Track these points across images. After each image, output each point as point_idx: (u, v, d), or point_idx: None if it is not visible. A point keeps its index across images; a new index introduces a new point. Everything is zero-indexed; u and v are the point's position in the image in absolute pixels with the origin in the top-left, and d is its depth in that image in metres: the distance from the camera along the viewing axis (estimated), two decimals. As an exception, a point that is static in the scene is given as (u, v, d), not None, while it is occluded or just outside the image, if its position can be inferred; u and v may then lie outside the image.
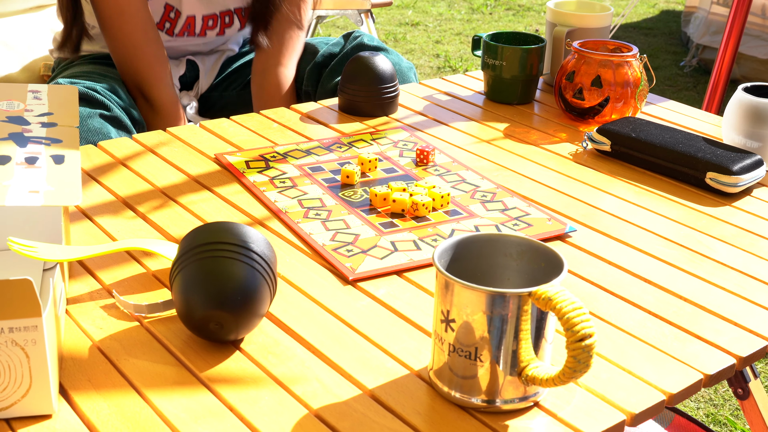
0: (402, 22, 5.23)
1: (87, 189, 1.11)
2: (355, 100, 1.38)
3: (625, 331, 0.87)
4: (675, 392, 0.78)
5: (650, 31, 5.14)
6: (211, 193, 1.12)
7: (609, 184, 1.19)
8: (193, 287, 0.79)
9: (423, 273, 0.95)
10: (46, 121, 0.87)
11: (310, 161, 1.20)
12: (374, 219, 1.05)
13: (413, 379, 0.79)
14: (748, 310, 0.91)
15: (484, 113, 1.43)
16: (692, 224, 1.09)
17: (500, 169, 1.22)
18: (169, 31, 1.61)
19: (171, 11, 1.60)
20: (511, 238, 0.78)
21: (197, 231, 0.83)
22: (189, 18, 1.61)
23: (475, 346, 0.72)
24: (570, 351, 0.68)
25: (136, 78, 1.53)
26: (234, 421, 0.73)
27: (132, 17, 1.52)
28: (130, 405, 0.74)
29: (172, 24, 1.61)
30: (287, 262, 0.97)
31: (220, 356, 0.81)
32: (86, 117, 1.34)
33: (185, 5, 1.60)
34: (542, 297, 0.69)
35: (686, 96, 4.03)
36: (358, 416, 0.74)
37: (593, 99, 1.36)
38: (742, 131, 1.24)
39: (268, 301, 0.82)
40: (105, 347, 0.81)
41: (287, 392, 0.77)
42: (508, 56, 1.43)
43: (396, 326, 0.86)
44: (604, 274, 0.97)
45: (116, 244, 0.90)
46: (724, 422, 1.98)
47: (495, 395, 0.74)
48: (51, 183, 0.76)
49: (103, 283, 0.92)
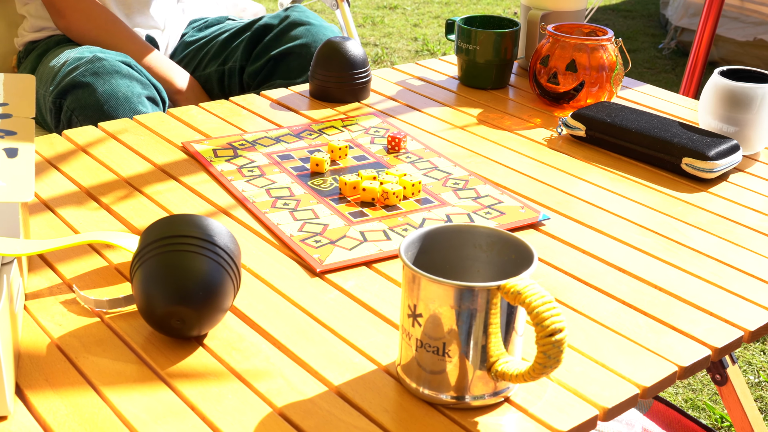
0: (380, 5, 5.19)
1: (49, 179, 1.09)
2: (326, 86, 1.35)
3: (598, 323, 0.85)
4: (649, 385, 0.76)
5: (629, 14, 5.12)
6: (178, 182, 1.09)
7: (584, 171, 1.17)
8: (153, 282, 0.76)
9: (393, 264, 0.93)
10: (0, 111, 0.84)
11: (279, 149, 1.18)
12: (344, 208, 1.03)
13: (381, 374, 0.76)
14: (723, 299, 0.89)
15: (458, 98, 1.41)
16: (668, 211, 1.07)
17: (473, 155, 1.20)
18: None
19: None
20: (480, 229, 0.76)
21: (158, 224, 0.80)
22: None
23: (443, 341, 0.70)
24: (540, 346, 0.66)
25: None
26: (195, 421, 0.71)
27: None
28: (88, 405, 0.72)
29: None
30: (253, 253, 0.94)
31: (183, 353, 0.78)
32: (135, 96, 1.35)
33: None
34: (511, 291, 0.67)
35: (665, 78, 4.02)
36: (324, 414, 0.72)
37: (568, 83, 1.33)
38: (718, 116, 1.22)
39: (231, 296, 0.79)
40: (64, 344, 0.79)
41: (251, 390, 0.74)
42: (482, 40, 1.41)
43: (364, 320, 0.84)
44: (578, 263, 0.95)
45: (77, 237, 0.88)
46: (703, 407, 1.97)
47: (464, 391, 0.72)
48: (2, 178, 0.73)
49: (64, 278, 0.89)
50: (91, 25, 1.55)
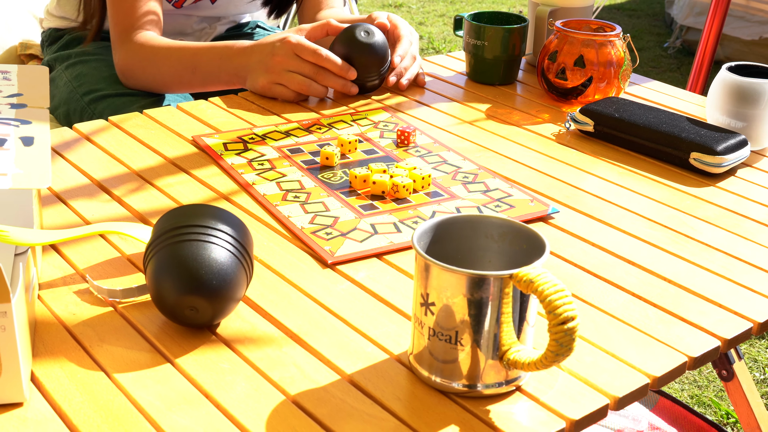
0: (385, 3, 5.20)
1: (61, 171, 1.09)
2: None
3: (608, 314, 0.85)
4: (659, 375, 0.77)
5: (634, 13, 5.12)
6: (188, 175, 1.10)
7: (592, 165, 1.17)
8: (167, 272, 0.77)
9: (403, 256, 0.94)
10: (15, 102, 0.85)
11: (289, 143, 1.18)
12: (354, 201, 1.04)
13: (393, 363, 0.77)
14: (732, 291, 0.90)
15: (466, 94, 1.42)
16: (676, 205, 1.07)
17: (482, 150, 1.20)
18: (177, 3, 1.57)
19: None
20: (492, 219, 0.77)
21: (172, 214, 0.81)
22: None
23: (455, 329, 0.70)
24: (552, 334, 0.67)
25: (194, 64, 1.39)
26: (209, 408, 0.71)
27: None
28: (103, 392, 0.72)
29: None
30: (265, 245, 0.95)
31: (196, 342, 0.79)
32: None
33: None
34: (524, 279, 0.67)
35: (670, 77, 4.02)
36: (337, 402, 0.72)
37: (576, 79, 1.34)
38: (726, 111, 1.23)
39: (244, 286, 0.80)
40: (78, 333, 0.80)
41: (264, 378, 0.75)
42: (491, 36, 1.41)
43: (376, 310, 0.84)
44: (587, 256, 0.95)
45: (90, 227, 0.88)
46: (709, 404, 1.97)
47: (476, 380, 0.72)
48: (20, 166, 0.74)
49: (77, 268, 0.90)
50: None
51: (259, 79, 1.31)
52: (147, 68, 1.40)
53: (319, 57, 1.30)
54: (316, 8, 1.62)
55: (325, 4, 1.62)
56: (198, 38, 1.67)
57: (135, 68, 1.42)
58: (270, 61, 1.30)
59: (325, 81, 1.31)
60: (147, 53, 1.40)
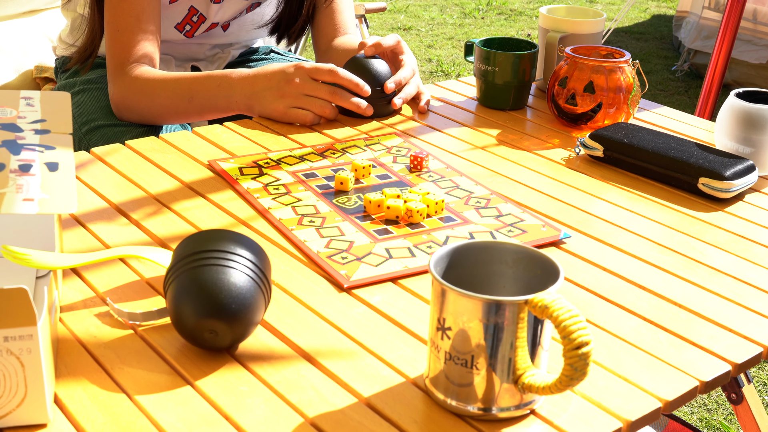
0: (394, 26, 5.23)
1: (80, 196, 1.11)
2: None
3: (620, 338, 0.87)
4: (671, 399, 0.78)
5: (642, 36, 5.15)
6: (205, 199, 1.11)
7: (602, 190, 1.19)
8: (187, 295, 0.78)
9: (418, 280, 0.95)
10: (39, 128, 0.87)
11: (303, 167, 1.20)
12: (368, 226, 1.05)
13: (409, 387, 0.78)
14: (742, 316, 0.91)
15: (477, 119, 1.43)
16: (685, 230, 1.09)
17: (494, 175, 1.22)
18: (188, 33, 1.59)
19: (195, 15, 1.57)
20: (506, 245, 0.78)
21: (192, 239, 0.82)
22: (213, 24, 1.60)
23: (471, 353, 0.72)
24: (567, 359, 0.68)
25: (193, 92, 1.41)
26: (229, 429, 0.73)
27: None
28: (124, 414, 0.74)
29: (193, 27, 1.58)
30: (282, 269, 0.96)
31: (215, 364, 0.80)
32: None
33: (213, 13, 1.58)
34: (539, 305, 0.69)
35: (678, 101, 4.04)
36: (354, 424, 0.73)
37: (586, 105, 1.36)
38: (734, 137, 1.24)
39: (262, 309, 0.82)
40: (99, 355, 0.81)
41: (283, 400, 0.76)
42: (501, 62, 1.43)
43: (391, 334, 0.86)
44: (599, 281, 0.97)
45: (110, 251, 0.90)
46: (718, 427, 1.98)
47: (491, 403, 0.74)
48: (45, 191, 0.76)
49: (97, 291, 0.91)
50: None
51: (274, 105, 1.34)
52: (141, 100, 1.43)
53: (335, 75, 1.34)
54: (331, 36, 1.64)
55: (339, 32, 1.64)
56: (211, 63, 1.69)
57: (129, 101, 1.44)
58: (286, 86, 1.33)
59: (341, 102, 1.35)
60: (141, 86, 1.42)
